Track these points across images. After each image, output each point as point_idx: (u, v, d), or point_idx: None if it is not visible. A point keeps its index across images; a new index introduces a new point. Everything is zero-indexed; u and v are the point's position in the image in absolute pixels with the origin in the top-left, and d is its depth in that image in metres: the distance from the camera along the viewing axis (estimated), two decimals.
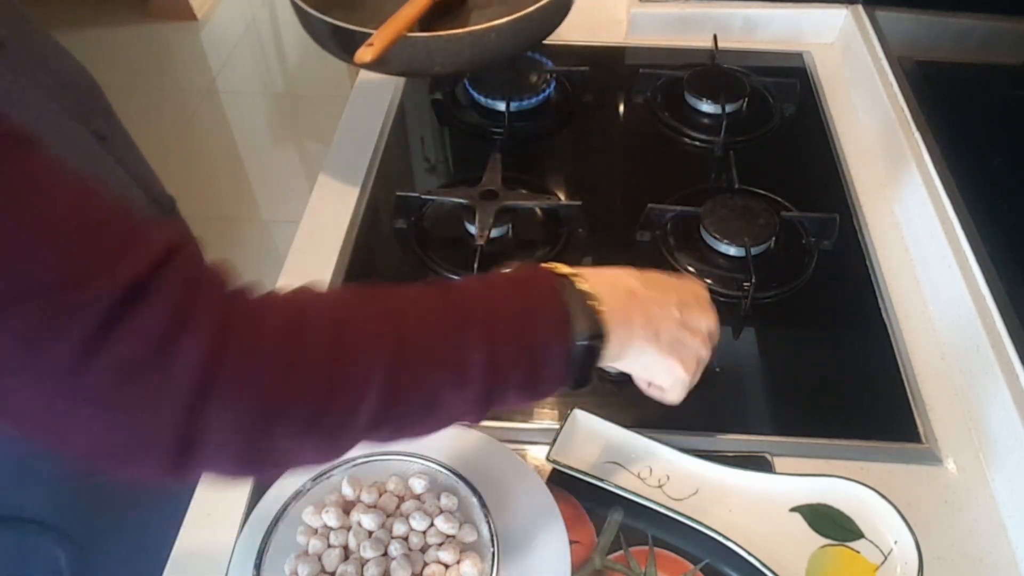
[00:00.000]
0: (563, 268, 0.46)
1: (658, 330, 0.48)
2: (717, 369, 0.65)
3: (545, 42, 1.04)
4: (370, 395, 0.38)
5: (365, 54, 0.66)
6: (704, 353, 0.52)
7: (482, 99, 0.96)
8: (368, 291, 0.41)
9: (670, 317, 0.49)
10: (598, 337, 0.44)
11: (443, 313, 0.41)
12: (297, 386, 0.36)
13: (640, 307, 0.47)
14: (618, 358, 0.48)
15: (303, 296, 0.39)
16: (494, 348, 0.41)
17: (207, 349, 0.34)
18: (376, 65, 0.74)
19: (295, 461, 0.40)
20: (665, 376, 0.51)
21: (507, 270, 0.49)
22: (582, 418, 0.62)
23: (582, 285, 0.44)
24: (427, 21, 0.76)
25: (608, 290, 0.45)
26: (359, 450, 0.56)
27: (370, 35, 0.68)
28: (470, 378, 0.40)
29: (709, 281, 0.75)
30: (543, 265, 0.46)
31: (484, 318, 0.41)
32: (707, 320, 0.52)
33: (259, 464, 0.38)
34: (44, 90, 0.52)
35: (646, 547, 0.57)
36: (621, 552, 0.56)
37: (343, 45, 0.74)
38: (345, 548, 0.53)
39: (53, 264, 0.31)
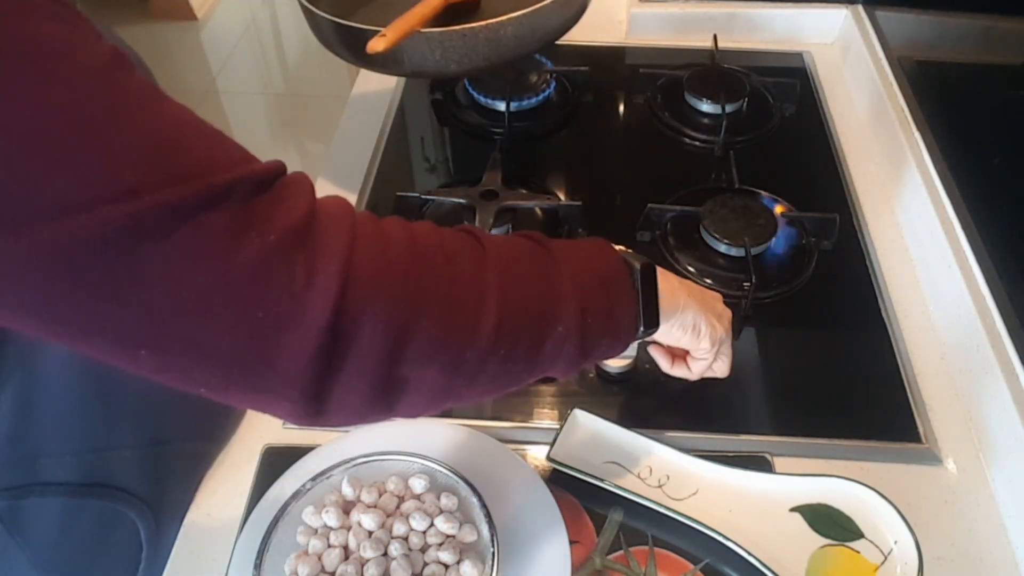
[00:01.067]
0: None
1: (689, 288, 0.54)
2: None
3: None
4: (487, 315, 0.39)
5: (378, 43, 0.65)
6: (728, 317, 0.57)
7: (482, 99, 0.96)
8: (455, 230, 0.43)
9: (691, 284, 0.55)
10: (650, 268, 0.48)
11: (528, 248, 0.45)
12: (424, 297, 0.37)
13: (664, 273, 0.52)
14: (671, 307, 0.51)
15: (407, 224, 0.41)
16: (577, 276, 0.44)
17: (346, 241, 0.35)
18: (390, 65, 0.73)
19: (417, 396, 0.39)
20: (709, 331, 0.54)
21: None
22: (582, 418, 0.62)
23: (619, 247, 0.50)
24: (438, 25, 0.75)
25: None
26: (359, 449, 0.57)
27: (378, 33, 0.68)
28: (566, 300, 0.43)
29: (709, 281, 0.75)
30: None
31: (561, 256, 0.45)
32: (724, 306, 0.58)
33: (387, 394, 0.37)
34: None
35: (646, 547, 0.57)
36: (621, 552, 0.56)
37: (352, 46, 0.74)
38: (345, 548, 0.53)
39: (192, 155, 0.32)
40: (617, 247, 0.49)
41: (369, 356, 0.35)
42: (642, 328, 0.48)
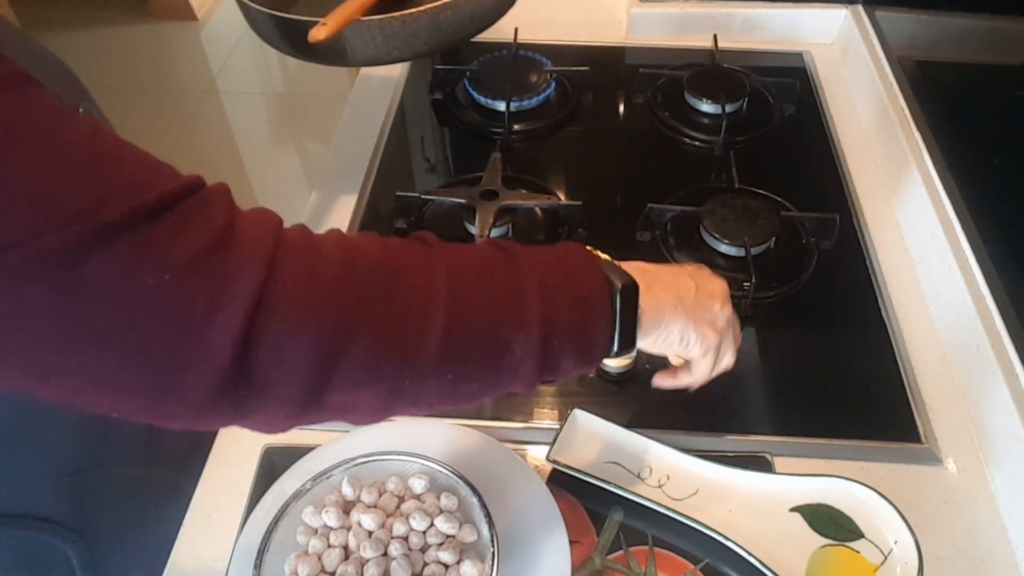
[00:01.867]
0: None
1: (680, 295, 0.49)
2: None
3: (545, 42, 1.05)
4: (431, 335, 0.37)
5: (319, 32, 0.65)
6: (728, 311, 0.52)
7: (482, 99, 0.96)
8: (408, 240, 0.42)
9: (686, 285, 0.50)
10: (633, 289, 0.45)
11: (492, 261, 0.41)
12: (358, 319, 0.35)
13: (655, 278, 0.48)
14: (653, 325, 0.48)
15: (348, 239, 0.39)
16: (547, 295, 0.41)
17: (261, 266, 0.33)
18: (333, 56, 0.73)
19: (351, 413, 0.38)
20: (699, 342, 0.51)
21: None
22: (582, 418, 0.62)
23: (603, 256, 0.46)
24: (377, 13, 0.74)
25: (623, 266, 0.47)
26: (359, 449, 0.57)
27: (317, 23, 0.67)
28: (528, 323, 0.40)
29: None
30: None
31: (533, 270, 0.42)
32: (720, 284, 0.53)
33: (313, 412, 0.36)
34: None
35: (646, 547, 0.57)
36: (621, 552, 0.56)
37: (292, 39, 0.72)
38: (345, 548, 0.53)
39: (76, 192, 0.30)
40: (603, 256, 0.46)
41: (288, 385, 0.34)
42: (615, 349, 0.46)
